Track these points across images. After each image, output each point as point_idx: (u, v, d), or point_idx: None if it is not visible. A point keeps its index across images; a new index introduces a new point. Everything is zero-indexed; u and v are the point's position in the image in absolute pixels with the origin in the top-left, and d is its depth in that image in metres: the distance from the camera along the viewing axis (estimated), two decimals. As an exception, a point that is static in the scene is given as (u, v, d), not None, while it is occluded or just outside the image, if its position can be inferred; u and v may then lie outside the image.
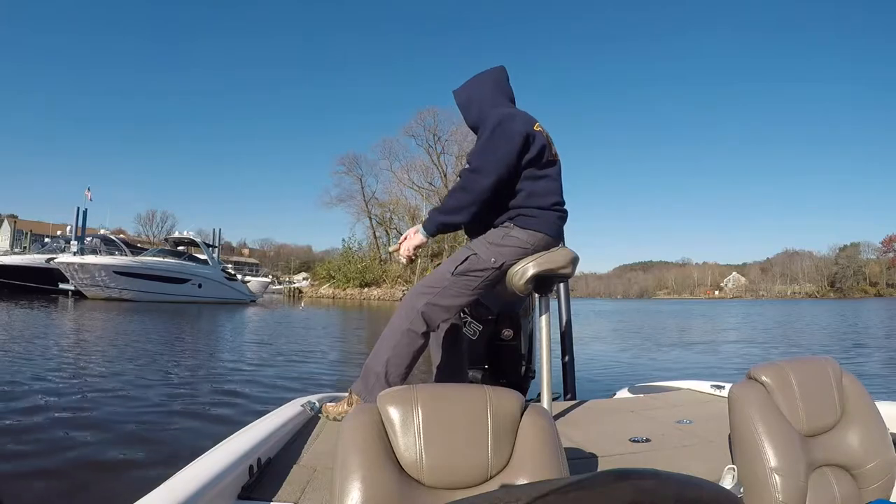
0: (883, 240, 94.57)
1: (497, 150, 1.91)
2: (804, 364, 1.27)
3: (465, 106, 2.12)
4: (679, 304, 54.52)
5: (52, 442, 3.35)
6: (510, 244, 1.97)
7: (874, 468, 1.20)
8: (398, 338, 1.94)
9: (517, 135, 1.91)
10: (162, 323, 13.39)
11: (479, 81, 2.12)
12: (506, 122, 1.94)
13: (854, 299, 72.02)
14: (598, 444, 1.75)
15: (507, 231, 1.98)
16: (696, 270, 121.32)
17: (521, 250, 1.97)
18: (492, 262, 1.96)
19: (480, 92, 2.09)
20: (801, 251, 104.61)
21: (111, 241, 27.27)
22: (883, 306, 38.30)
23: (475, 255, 1.97)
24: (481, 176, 1.91)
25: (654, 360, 8.86)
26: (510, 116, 1.96)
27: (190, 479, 1.09)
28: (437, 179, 50.99)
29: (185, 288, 24.38)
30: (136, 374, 5.93)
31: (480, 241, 2.00)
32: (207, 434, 3.55)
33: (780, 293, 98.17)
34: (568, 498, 0.40)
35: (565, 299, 3.07)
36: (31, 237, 38.72)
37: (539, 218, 1.99)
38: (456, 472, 0.92)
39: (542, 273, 1.95)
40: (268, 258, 77.59)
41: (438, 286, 1.97)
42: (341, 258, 54.16)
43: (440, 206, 2.02)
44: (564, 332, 3.04)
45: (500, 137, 1.91)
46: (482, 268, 1.96)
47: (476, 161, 1.92)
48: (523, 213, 1.98)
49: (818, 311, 28.48)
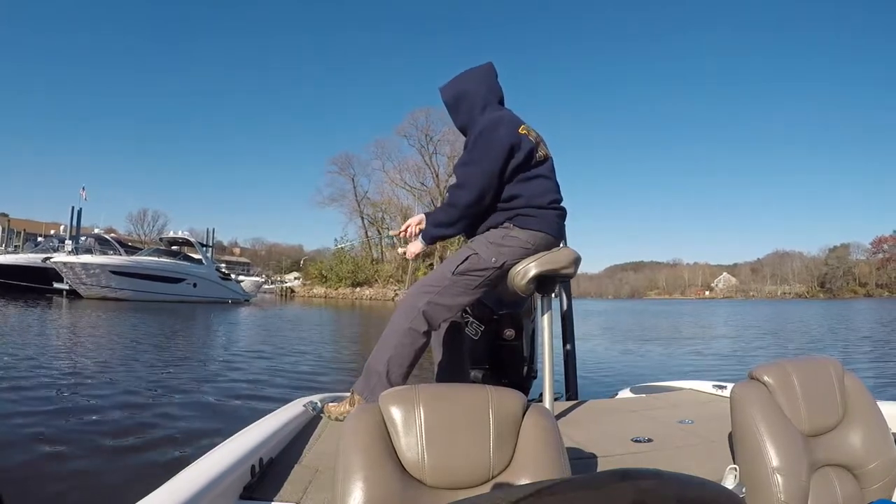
0: (872, 241, 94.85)
1: (480, 162, 1.92)
2: (806, 364, 1.27)
3: (453, 105, 2.10)
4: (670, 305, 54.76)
5: (52, 443, 3.34)
6: (511, 244, 1.97)
7: (876, 468, 1.20)
8: (399, 337, 1.94)
9: (500, 146, 1.92)
10: (159, 322, 13.33)
11: (467, 79, 2.09)
12: (488, 132, 1.94)
13: (844, 300, 72.46)
14: (599, 444, 1.75)
15: (507, 231, 1.98)
16: (686, 271, 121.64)
17: (522, 250, 1.97)
18: (492, 261, 1.96)
19: (468, 91, 2.07)
20: (792, 252, 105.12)
21: (105, 240, 27.09)
22: (873, 306, 38.58)
23: (476, 254, 1.97)
24: (465, 191, 1.94)
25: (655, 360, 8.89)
26: (493, 125, 1.95)
27: (192, 479, 1.09)
28: (429, 180, 51.19)
29: (181, 287, 24.34)
30: (135, 374, 5.92)
31: (481, 241, 2.00)
32: (209, 434, 3.55)
33: (771, 293, 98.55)
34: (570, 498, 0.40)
35: (567, 299, 3.06)
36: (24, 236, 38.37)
37: (538, 217, 1.99)
38: (458, 473, 0.92)
39: (544, 273, 1.95)
40: (259, 257, 77.33)
41: (439, 285, 1.97)
42: (334, 258, 54.17)
43: (433, 219, 2.06)
44: (566, 332, 3.04)
45: (483, 149, 1.93)
46: (483, 267, 1.96)
47: (460, 176, 1.95)
48: (522, 214, 1.98)
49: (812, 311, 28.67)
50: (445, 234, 2.06)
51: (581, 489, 0.41)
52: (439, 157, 51.66)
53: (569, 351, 2.99)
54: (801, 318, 22.72)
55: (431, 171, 51.96)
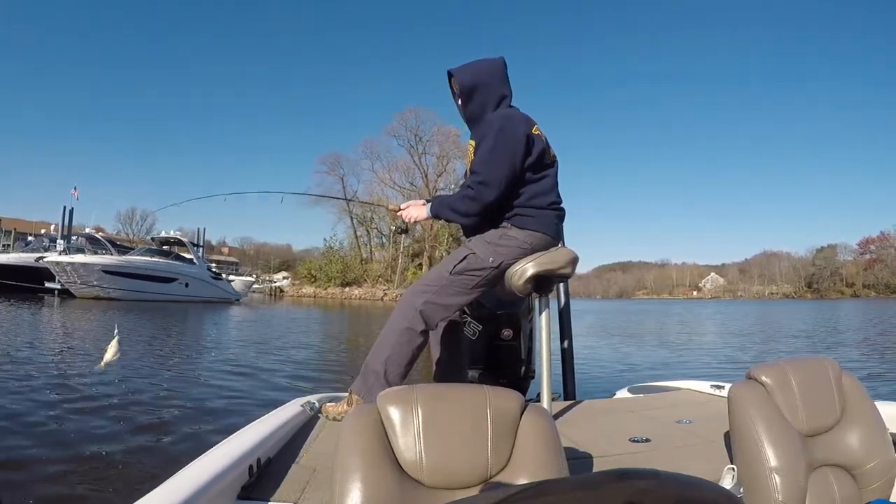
0: (859, 241, 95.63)
1: (504, 161, 1.90)
2: (804, 364, 1.28)
3: (467, 93, 2.03)
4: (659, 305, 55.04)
5: (51, 443, 3.32)
6: (508, 244, 1.96)
7: (874, 468, 1.20)
8: (397, 336, 1.93)
9: (520, 142, 1.91)
10: (153, 322, 13.26)
11: (485, 71, 2.03)
12: (508, 127, 1.93)
13: (831, 300, 73.18)
14: (597, 444, 1.75)
15: (504, 231, 1.98)
16: (674, 271, 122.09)
17: (519, 250, 1.97)
18: (490, 261, 1.95)
19: (486, 84, 2.02)
20: (779, 252, 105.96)
21: (96, 239, 26.98)
22: (861, 307, 39.00)
23: (473, 254, 1.97)
24: (491, 190, 1.92)
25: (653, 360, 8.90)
26: (513, 124, 1.94)
27: (190, 478, 1.09)
28: (418, 179, 51.36)
29: (173, 287, 24.30)
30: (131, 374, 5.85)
31: (479, 241, 2.00)
32: (206, 434, 3.54)
33: (759, 294, 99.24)
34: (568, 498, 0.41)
35: (565, 299, 3.05)
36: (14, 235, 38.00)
37: (536, 218, 1.99)
38: (456, 473, 0.92)
39: (542, 273, 1.95)
40: (247, 257, 76.53)
41: (437, 285, 1.97)
42: (323, 257, 54.06)
43: (450, 202, 2.03)
44: (564, 332, 3.03)
45: (505, 146, 1.91)
46: (480, 267, 1.96)
47: (484, 173, 1.92)
48: (520, 214, 1.98)
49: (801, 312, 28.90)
50: (455, 221, 2.06)
51: (579, 489, 0.42)
52: (428, 157, 51.98)
53: (566, 351, 2.98)
54: (791, 318, 22.90)
55: (420, 170, 52.31)
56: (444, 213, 2.05)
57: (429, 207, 2.10)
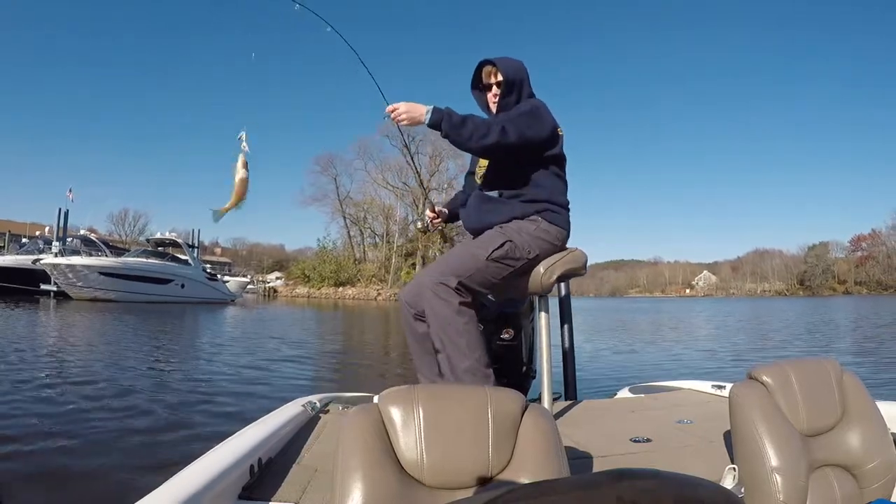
0: (851, 239, 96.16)
1: (533, 125, 1.90)
2: (805, 364, 1.28)
3: (510, 84, 1.99)
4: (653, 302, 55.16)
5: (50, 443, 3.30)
6: (545, 238, 1.94)
7: (875, 468, 1.21)
8: (455, 325, 1.79)
9: (550, 124, 1.94)
10: (149, 323, 13.19)
11: (522, 69, 2.05)
12: (544, 109, 1.96)
13: (823, 297, 73.54)
14: (598, 444, 1.74)
15: (537, 224, 1.95)
16: (667, 269, 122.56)
17: (551, 246, 1.95)
18: (528, 253, 1.91)
19: (524, 80, 2.05)
20: (772, 250, 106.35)
21: (91, 241, 26.83)
22: (853, 303, 39.21)
23: (511, 242, 1.89)
24: (510, 135, 1.83)
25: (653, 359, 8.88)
26: (547, 109, 1.98)
27: (191, 478, 1.09)
28: (411, 179, 50.84)
29: (169, 288, 24.29)
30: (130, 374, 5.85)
31: (513, 230, 1.93)
32: (207, 434, 3.52)
33: (751, 291, 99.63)
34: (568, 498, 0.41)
35: (566, 298, 3.03)
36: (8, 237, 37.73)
37: (562, 215, 2.00)
38: (457, 473, 0.92)
39: (567, 272, 1.95)
40: (240, 257, 76.34)
41: (471, 268, 1.85)
42: (316, 257, 53.91)
43: (458, 117, 1.82)
44: (565, 331, 3.01)
45: (538, 119, 1.92)
46: (517, 257, 1.90)
47: (515, 121, 1.86)
48: (550, 209, 1.97)
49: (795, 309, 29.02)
50: (456, 140, 1.82)
51: (579, 489, 0.42)
52: (421, 156, 51.51)
53: (567, 351, 2.96)
54: (785, 315, 22.97)
55: (413, 170, 52.01)
56: (448, 126, 1.80)
57: (429, 112, 1.81)
